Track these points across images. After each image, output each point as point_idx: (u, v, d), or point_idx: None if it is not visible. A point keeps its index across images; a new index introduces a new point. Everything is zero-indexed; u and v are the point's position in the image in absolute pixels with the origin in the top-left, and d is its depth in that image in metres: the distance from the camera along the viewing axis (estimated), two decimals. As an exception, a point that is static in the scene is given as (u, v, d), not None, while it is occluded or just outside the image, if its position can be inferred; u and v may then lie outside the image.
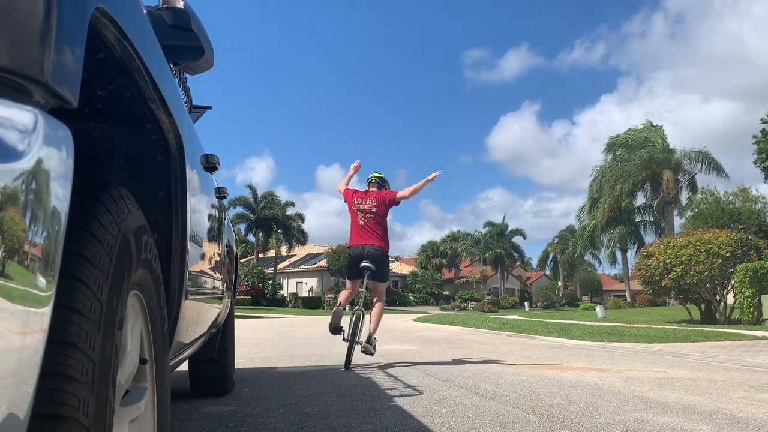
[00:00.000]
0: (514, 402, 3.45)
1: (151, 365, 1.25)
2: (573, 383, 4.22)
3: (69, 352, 0.77)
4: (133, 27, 1.06)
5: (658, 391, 3.86)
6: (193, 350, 2.41)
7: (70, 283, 0.80)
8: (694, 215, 21.83)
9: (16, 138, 0.61)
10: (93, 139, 1.45)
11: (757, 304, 12.00)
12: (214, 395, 3.71)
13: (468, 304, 42.05)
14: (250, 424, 2.88)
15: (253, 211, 43.10)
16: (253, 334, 10.88)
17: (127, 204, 1.05)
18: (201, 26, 1.94)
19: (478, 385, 4.17)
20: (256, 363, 5.90)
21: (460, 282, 57.54)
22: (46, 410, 0.73)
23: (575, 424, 2.81)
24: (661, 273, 13.40)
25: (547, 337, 9.66)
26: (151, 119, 1.40)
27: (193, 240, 1.79)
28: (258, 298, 40.22)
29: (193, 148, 1.90)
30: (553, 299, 58.49)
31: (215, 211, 2.62)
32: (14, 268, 0.59)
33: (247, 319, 19.12)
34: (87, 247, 0.85)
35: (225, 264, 3.05)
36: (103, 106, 1.32)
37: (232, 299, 3.71)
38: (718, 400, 3.48)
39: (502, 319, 18.37)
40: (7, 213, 0.58)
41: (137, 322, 1.17)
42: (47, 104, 0.71)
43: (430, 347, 7.83)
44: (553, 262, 64.88)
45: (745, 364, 5.50)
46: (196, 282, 2.00)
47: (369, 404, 3.42)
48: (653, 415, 3.03)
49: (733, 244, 12.82)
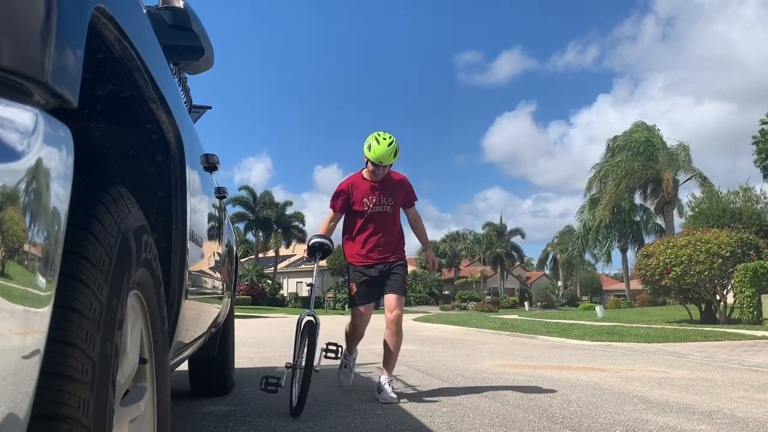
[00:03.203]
0: (514, 402, 3.45)
1: (151, 365, 1.25)
2: (573, 383, 4.22)
3: (69, 352, 0.77)
4: (133, 27, 1.06)
5: (658, 390, 3.86)
6: (193, 350, 2.40)
7: (70, 283, 0.80)
8: (694, 215, 21.84)
9: (16, 138, 0.61)
10: (93, 139, 1.45)
11: (757, 304, 11.99)
12: (214, 395, 3.71)
13: (468, 304, 42.03)
14: (250, 424, 2.88)
15: (252, 211, 43.09)
16: (253, 334, 10.88)
17: (127, 204, 1.05)
18: (201, 26, 1.94)
19: (478, 385, 4.17)
20: (256, 363, 5.90)
21: (460, 282, 57.54)
22: (46, 410, 0.73)
23: (575, 424, 2.81)
24: (661, 273, 13.40)
25: (547, 337, 9.66)
26: (151, 119, 1.40)
27: (193, 240, 1.79)
28: (258, 297, 40.21)
29: (193, 148, 1.90)
30: (553, 299, 58.48)
31: (215, 211, 2.62)
32: (14, 268, 0.59)
33: (247, 319, 19.12)
34: (87, 247, 0.85)
35: (225, 264, 3.05)
36: (103, 106, 1.32)
37: (232, 299, 3.71)
38: (718, 400, 3.48)
39: (502, 318, 18.37)
40: (7, 213, 0.58)
41: (137, 322, 1.17)
42: (47, 104, 0.71)
43: (430, 347, 7.83)
44: (553, 261, 64.89)
45: (745, 363, 5.50)
46: (196, 282, 2.00)
47: (369, 404, 3.42)
48: (653, 415, 3.03)
49: (733, 244, 12.81)
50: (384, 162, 3.67)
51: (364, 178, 3.84)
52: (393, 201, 3.84)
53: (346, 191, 3.82)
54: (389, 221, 3.85)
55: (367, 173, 3.82)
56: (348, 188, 3.83)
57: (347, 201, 3.83)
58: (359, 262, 3.82)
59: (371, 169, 3.75)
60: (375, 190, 3.79)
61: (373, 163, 3.70)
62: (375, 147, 3.66)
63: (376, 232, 3.80)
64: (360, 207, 3.80)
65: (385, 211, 3.82)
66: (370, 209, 3.79)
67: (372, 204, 3.79)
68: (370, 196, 3.79)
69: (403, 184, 3.93)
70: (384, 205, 3.81)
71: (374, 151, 3.65)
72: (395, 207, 3.87)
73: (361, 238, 3.82)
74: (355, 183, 3.84)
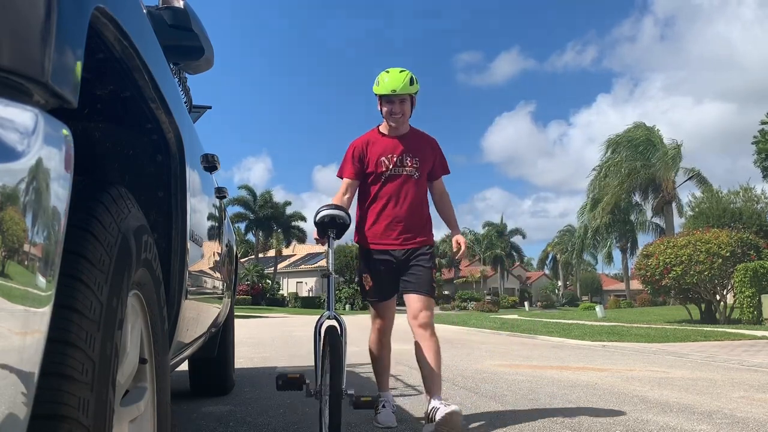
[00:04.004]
0: (514, 402, 3.45)
1: (151, 365, 1.25)
2: (573, 383, 4.22)
3: (69, 352, 0.77)
4: (133, 27, 1.06)
5: (658, 390, 3.86)
6: (193, 350, 2.41)
7: (70, 283, 0.80)
8: (695, 215, 21.83)
9: (16, 138, 0.61)
10: (93, 139, 1.45)
11: (757, 304, 11.99)
12: (214, 395, 3.71)
13: (468, 303, 42.04)
14: (250, 424, 2.88)
15: (252, 211, 43.10)
16: (253, 334, 10.88)
17: (127, 204, 1.05)
18: (201, 26, 1.94)
19: (478, 385, 4.17)
20: (256, 363, 5.90)
21: (460, 282, 57.52)
22: (46, 410, 0.73)
23: (575, 424, 2.81)
24: (661, 272, 13.40)
25: (547, 337, 9.66)
26: (151, 119, 1.40)
27: (193, 240, 1.79)
28: (258, 297, 40.21)
29: (193, 148, 1.90)
30: (553, 299, 58.50)
31: (215, 211, 2.62)
32: (14, 268, 0.59)
33: (247, 319, 19.12)
34: (87, 247, 0.85)
35: (225, 264, 3.05)
36: (103, 106, 1.32)
37: (232, 299, 3.71)
38: (718, 400, 3.48)
39: (502, 318, 18.37)
40: (7, 213, 0.58)
41: (137, 322, 1.17)
42: (47, 104, 0.71)
43: (430, 347, 7.82)
44: (553, 261, 64.92)
45: (745, 363, 5.50)
46: (196, 282, 2.00)
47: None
48: (653, 415, 3.03)
49: (733, 244, 12.82)
50: (398, 90, 2.76)
51: (381, 134, 2.94)
52: (419, 163, 2.89)
53: (359, 148, 2.91)
54: (414, 190, 2.88)
55: (385, 127, 2.93)
56: (362, 145, 2.92)
57: (361, 162, 2.90)
58: (373, 244, 2.87)
59: (386, 112, 2.83)
60: (396, 147, 2.88)
61: (385, 99, 2.80)
62: (383, 77, 2.82)
63: (396, 203, 2.85)
64: (375, 168, 2.87)
65: (409, 175, 2.87)
66: (389, 170, 2.86)
67: (391, 164, 2.86)
68: (390, 154, 2.87)
69: (433, 144, 3.01)
70: (407, 166, 2.87)
71: (383, 81, 2.80)
72: (422, 172, 2.91)
73: (376, 209, 2.88)
74: (370, 139, 2.93)
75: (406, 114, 2.85)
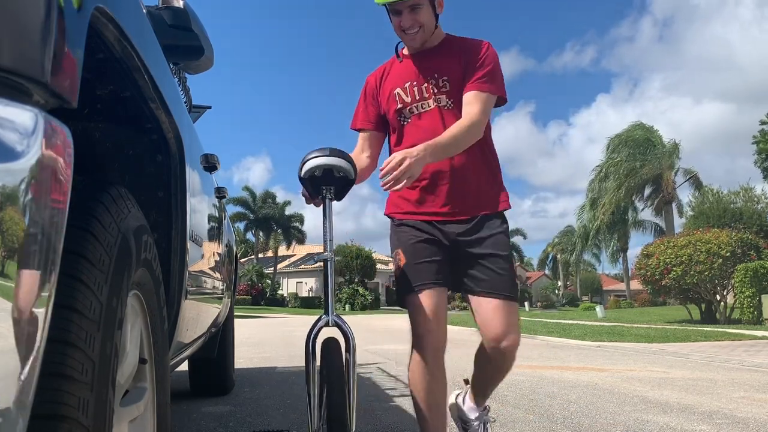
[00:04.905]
0: (514, 402, 3.45)
1: (151, 365, 1.25)
2: (573, 383, 4.22)
3: (69, 352, 0.77)
4: (133, 27, 1.06)
5: (658, 390, 3.86)
6: (193, 350, 2.41)
7: (70, 283, 0.80)
8: (695, 215, 21.84)
9: (16, 138, 0.61)
10: (93, 139, 1.45)
11: (757, 304, 12.00)
12: (214, 395, 3.71)
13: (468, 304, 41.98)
14: (250, 424, 2.88)
15: (252, 211, 43.09)
16: (253, 334, 10.88)
17: (127, 204, 1.05)
18: (201, 26, 1.94)
19: (478, 384, 4.16)
20: (256, 363, 5.90)
21: (460, 282, 57.45)
22: (46, 410, 0.73)
23: (575, 424, 2.81)
24: (661, 272, 13.40)
25: (547, 337, 9.66)
26: (151, 119, 1.40)
27: (193, 240, 1.79)
28: (258, 297, 40.21)
29: (193, 148, 1.90)
30: (553, 299, 58.48)
31: (215, 211, 2.62)
32: (14, 268, 0.59)
33: (246, 319, 19.11)
34: (87, 247, 0.85)
35: (225, 264, 3.05)
36: (103, 106, 1.32)
37: (232, 299, 3.71)
38: (718, 400, 3.48)
39: (502, 318, 18.32)
40: (7, 213, 0.58)
41: (137, 322, 1.17)
42: (47, 104, 0.70)
43: (430, 347, 7.82)
44: (553, 261, 64.90)
45: (746, 364, 5.50)
46: (196, 282, 2.00)
47: (369, 404, 3.42)
48: (653, 415, 3.03)
49: (733, 244, 12.82)
50: None
51: (398, 58, 1.99)
52: (449, 85, 1.88)
53: (372, 83, 2.04)
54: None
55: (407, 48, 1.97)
56: (375, 81, 2.03)
57: (377, 102, 2.01)
58: (407, 214, 1.93)
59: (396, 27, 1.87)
60: (416, 71, 1.92)
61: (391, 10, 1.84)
62: None
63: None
64: (388, 105, 1.96)
65: (442, 107, 1.88)
66: (411, 105, 1.91)
67: (410, 96, 1.92)
68: (408, 82, 1.92)
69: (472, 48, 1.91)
70: (435, 95, 1.89)
71: None
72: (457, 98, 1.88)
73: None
74: (386, 69, 2.03)
75: (426, 23, 1.84)
